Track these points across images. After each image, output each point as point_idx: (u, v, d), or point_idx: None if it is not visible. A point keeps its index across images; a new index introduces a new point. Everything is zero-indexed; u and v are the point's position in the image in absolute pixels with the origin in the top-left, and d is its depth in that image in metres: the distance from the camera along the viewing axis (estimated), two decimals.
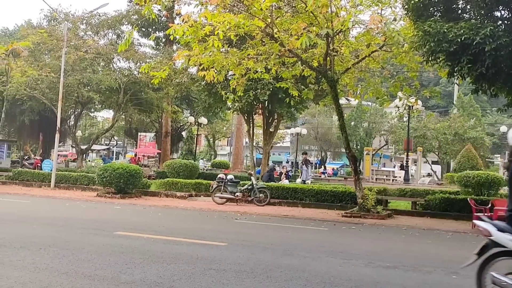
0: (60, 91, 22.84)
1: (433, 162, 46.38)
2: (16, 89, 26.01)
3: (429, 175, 41.80)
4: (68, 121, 32.91)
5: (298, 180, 26.27)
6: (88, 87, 26.80)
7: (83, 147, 34.23)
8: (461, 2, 13.36)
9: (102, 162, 39.67)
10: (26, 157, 34.28)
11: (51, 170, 22.95)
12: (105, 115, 50.01)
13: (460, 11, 13.33)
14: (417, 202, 17.03)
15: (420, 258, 8.60)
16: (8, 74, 27.03)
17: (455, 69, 12.35)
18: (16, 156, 38.99)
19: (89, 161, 46.50)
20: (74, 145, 34.89)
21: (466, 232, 12.83)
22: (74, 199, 17.89)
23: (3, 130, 32.36)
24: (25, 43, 26.53)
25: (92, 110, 38.86)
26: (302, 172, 27.30)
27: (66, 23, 25.15)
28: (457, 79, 13.88)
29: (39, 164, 28.73)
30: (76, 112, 32.60)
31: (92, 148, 39.71)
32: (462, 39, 11.48)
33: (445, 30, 11.75)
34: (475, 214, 13.60)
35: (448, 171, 37.13)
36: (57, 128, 23.57)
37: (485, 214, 13.09)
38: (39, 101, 27.26)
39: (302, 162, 27.33)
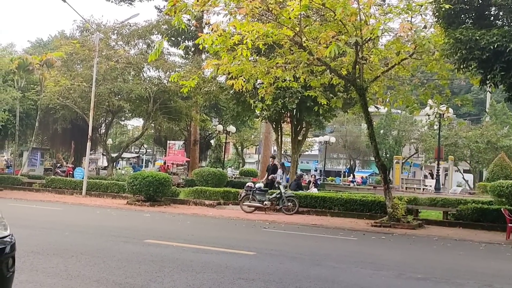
0: (92, 100, 23.26)
1: (465, 171, 45.55)
2: (49, 98, 26.63)
3: (458, 186, 40.92)
4: (99, 129, 33.44)
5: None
6: (119, 96, 27.22)
7: (114, 155, 34.71)
8: (493, 8, 13.13)
9: (132, 170, 40.14)
10: (58, 165, 34.88)
11: (83, 178, 23.35)
12: (135, 123, 50.73)
13: (492, 18, 13.10)
14: (449, 212, 16.68)
15: (452, 270, 8.43)
16: (42, 84, 27.73)
17: (488, 77, 12.16)
18: (49, 164, 39.76)
19: (119, 169, 47.12)
20: (104, 153, 35.38)
21: (500, 243, 12.48)
22: (104, 207, 18.16)
23: (36, 138, 33.10)
24: (59, 53, 27.21)
25: (123, 118, 39.49)
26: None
27: (97, 33, 25.62)
28: (489, 87, 13.61)
29: (71, 172, 29.23)
30: (107, 121, 33.14)
31: (122, 156, 40.22)
32: (495, 46, 11.30)
33: (477, 38, 11.59)
34: (510, 224, 13.30)
35: (481, 180, 36.42)
36: (89, 136, 24.00)
37: None
38: (71, 110, 27.80)
39: (278, 166, 21.80)
